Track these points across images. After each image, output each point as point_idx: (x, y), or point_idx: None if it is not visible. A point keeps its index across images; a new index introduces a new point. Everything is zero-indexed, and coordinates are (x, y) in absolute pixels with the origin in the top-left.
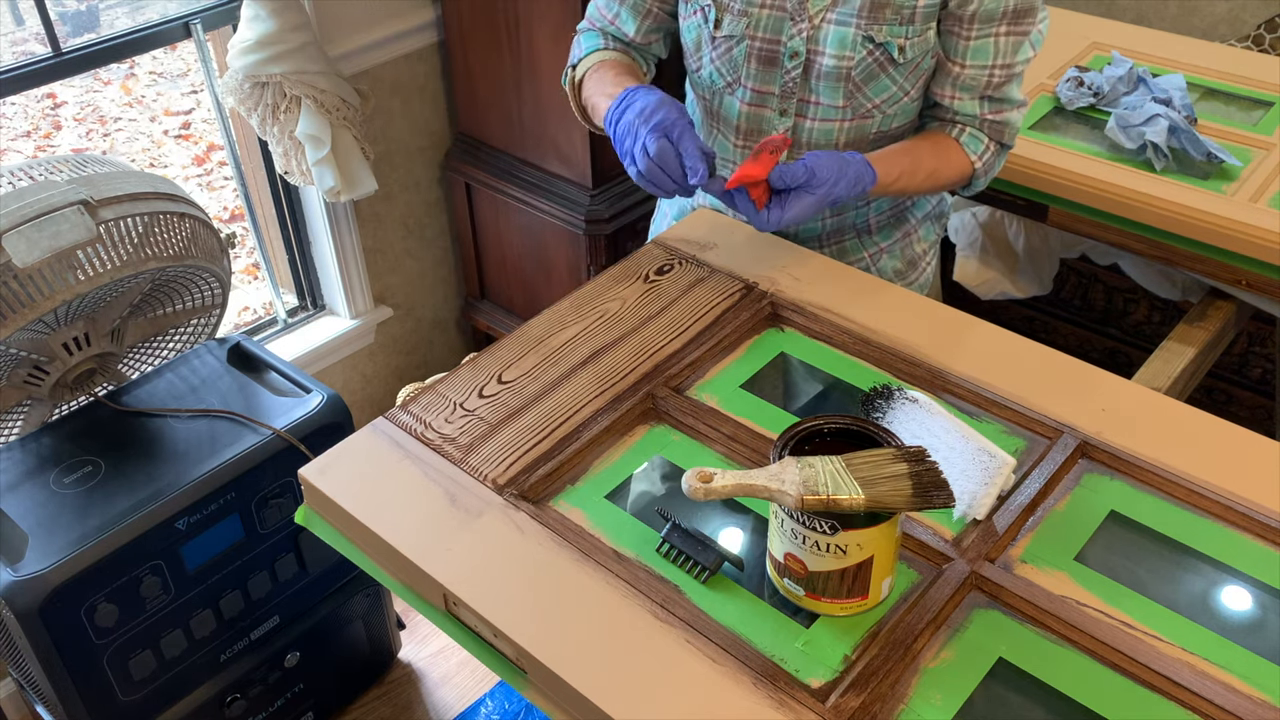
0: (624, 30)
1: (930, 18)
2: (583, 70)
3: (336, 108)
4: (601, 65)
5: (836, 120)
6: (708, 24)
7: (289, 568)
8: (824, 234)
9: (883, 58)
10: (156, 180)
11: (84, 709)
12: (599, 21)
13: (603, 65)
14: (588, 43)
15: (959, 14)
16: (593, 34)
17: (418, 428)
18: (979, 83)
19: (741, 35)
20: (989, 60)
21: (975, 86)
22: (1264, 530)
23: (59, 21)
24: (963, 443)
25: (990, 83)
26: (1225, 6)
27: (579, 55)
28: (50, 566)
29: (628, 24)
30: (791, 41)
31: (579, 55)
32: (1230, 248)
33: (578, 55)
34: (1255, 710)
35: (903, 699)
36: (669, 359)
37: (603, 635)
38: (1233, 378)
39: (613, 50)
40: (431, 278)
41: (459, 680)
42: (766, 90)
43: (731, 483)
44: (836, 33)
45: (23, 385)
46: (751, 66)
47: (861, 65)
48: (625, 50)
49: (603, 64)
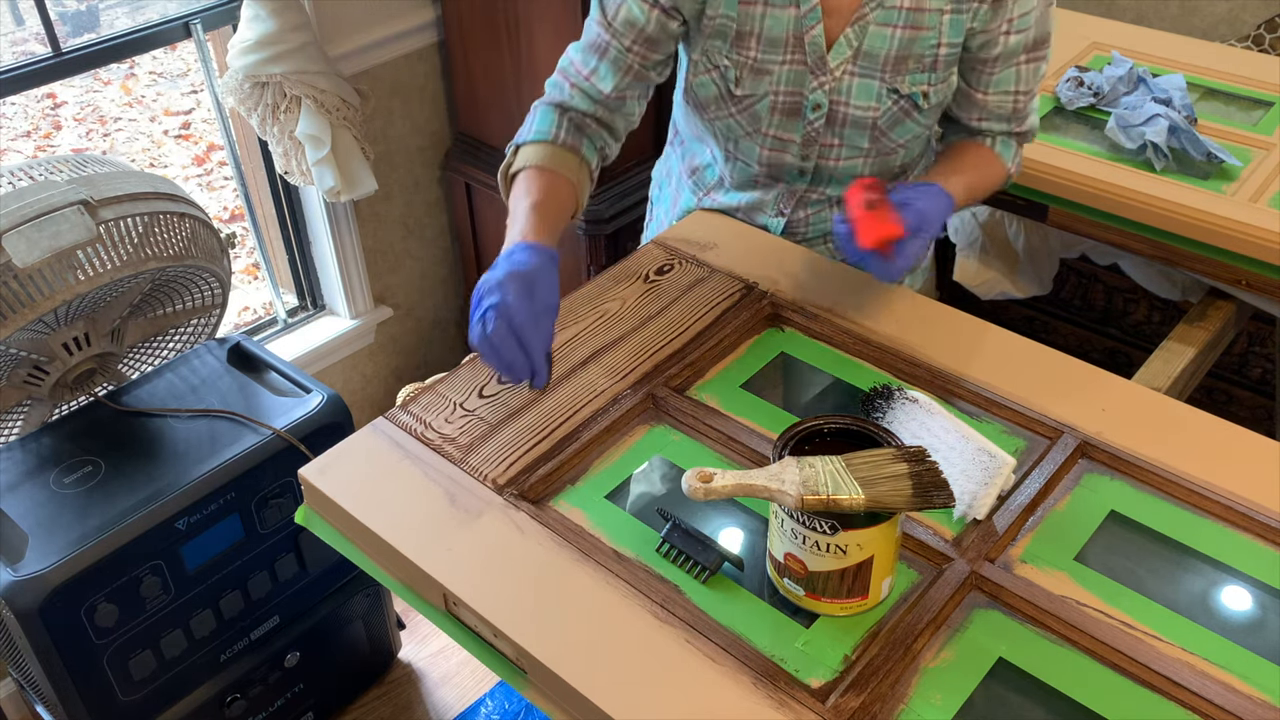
0: (599, 87)
1: (953, 63)
2: (520, 164)
3: (336, 108)
4: (536, 176)
5: (860, 158)
6: (725, 83)
7: (289, 568)
8: (832, 235)
9: (908, 106)
10: (156, 180)
11: (84, 709)
12: (572, 76)
13: (537, 177)
14: (540, 124)
15: (983, 56)
16: (548, 112)
17: (418, 428)
18: (1005, 109)
19: (764, 93)
20: (1013, 87)
21: (1001, 113)
22: (1264, 530)
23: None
24: (963, 443)
25: (1015, 107)
26: (1225, 6)
27: (524, 137)
28: (50, 566)
29: (605, 80)
30: (814, 94)
31: (524, 137)
32: (1230, 248)
33: (523, 136)
34: (1255, 710)
35: (903, 699)
36: (669, 359)
37: (603, 635)
38: (1233, 378)
39: (559, 148)
40: (431, 278)
41: (459, 680)
42: (788, 138)
43: (731, 483)
44: (861, 85)
45: (23, 385)
46: (774, 118)
47: (887, 114)
48: (577, 142)
49: (538, 174)
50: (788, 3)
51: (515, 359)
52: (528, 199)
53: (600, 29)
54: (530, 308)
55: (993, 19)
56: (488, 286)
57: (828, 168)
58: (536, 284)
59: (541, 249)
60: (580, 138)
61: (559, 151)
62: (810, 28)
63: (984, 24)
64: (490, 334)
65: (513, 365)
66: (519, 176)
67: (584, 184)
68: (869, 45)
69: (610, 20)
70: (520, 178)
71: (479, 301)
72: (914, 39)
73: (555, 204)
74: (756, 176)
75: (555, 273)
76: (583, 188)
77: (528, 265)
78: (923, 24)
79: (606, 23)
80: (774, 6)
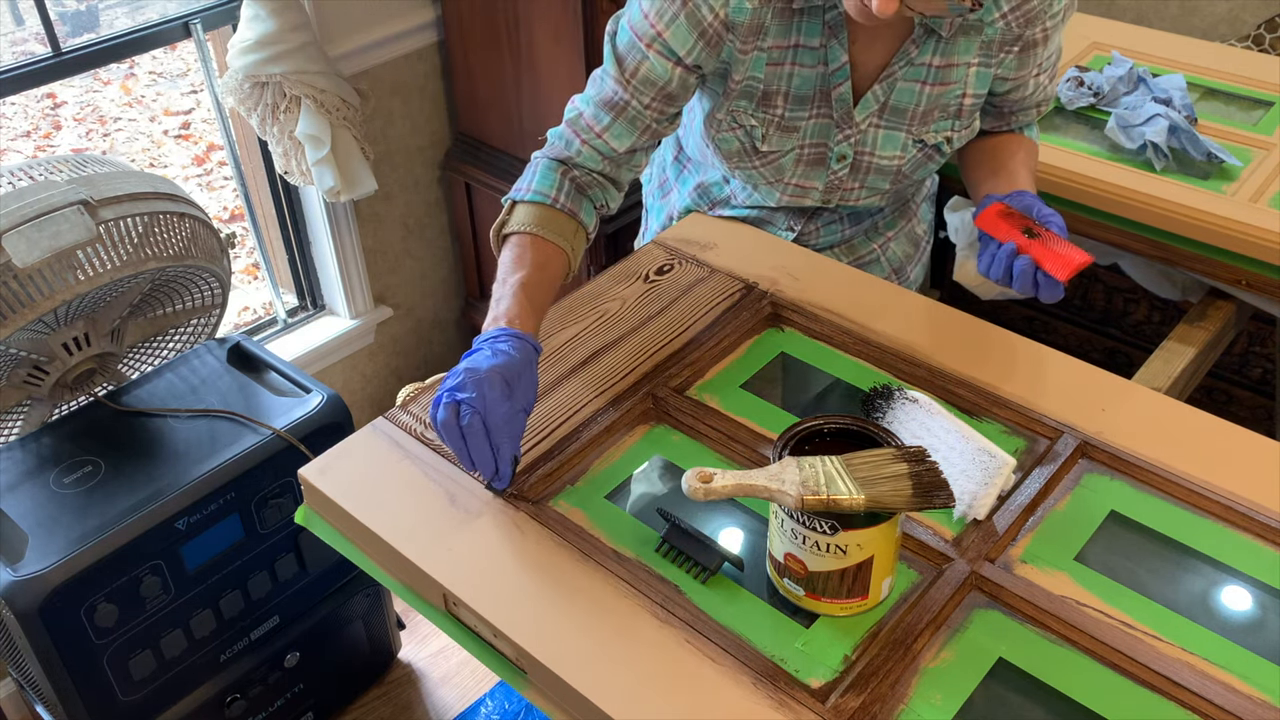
0: (611, 145)
1: (976, 109)
2: (516, 224)
3: (336, 108)
4: (528, 245)
5: (879, 195)
6: (751, 139)
7: (289, 568)
8: (840, 242)
9: (932, 151)
10: (156, 180)
11: (84, 709)
12: (583, 132)
13: (529, 247)
14: (541, 183)
15: (1014, 97)
16: (550, 168)
17: (418, 428)
18: (1032, 112)
19: (790, 148)
20: (1040, 102)
21: (1028, 112)
22: (1264, 530)
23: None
24: (963, 443)
25: (1039, 109)
26: (1225, 6)
27: (524, 193)
28: (50, 566)
29: (619, 139)
30: (839, 146)
31: (524, 193)
32: (1230, 248)
33: (523, 190)
34: (1255, 710)
35: (903, 699)
36: (669, 359)
37: (603, 635)
38: (1233, 378)
39: (558, 213)
40: (431, 278)
41: (459, 680)
42: (810, 186)
43: (731, 483)
44: (887, 137)
45: (23, 385)
46: (799, 169)
47: (911, 161)
48: (576, 207)
49: (530, 244)
50: (815, 61)
51: (483, 458)
52: (517, 274)
53: (616, 86)
54: (509, 409)
55: (1020, 67)
56: (468, 378)
57: (848, 204)
58: (518, 382)
59: (525, 342)
60: (580, 201)
61: (557, 217)
62: (838, 85)
63: (1011, 71)
64: (464, 426)
65: (480, 463)
66: (511, 240)
67: (579, 249)
68: (896, 100)
69: (628, 77)
70: (512, 242)
71: (455, 388)
72: (941, 93)
73: (546, 282)
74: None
75: (535, 369)
76: (577, 254)
77: (510, 360)
78: (950, 79)
79: (624, 80)
80: (802, 65)
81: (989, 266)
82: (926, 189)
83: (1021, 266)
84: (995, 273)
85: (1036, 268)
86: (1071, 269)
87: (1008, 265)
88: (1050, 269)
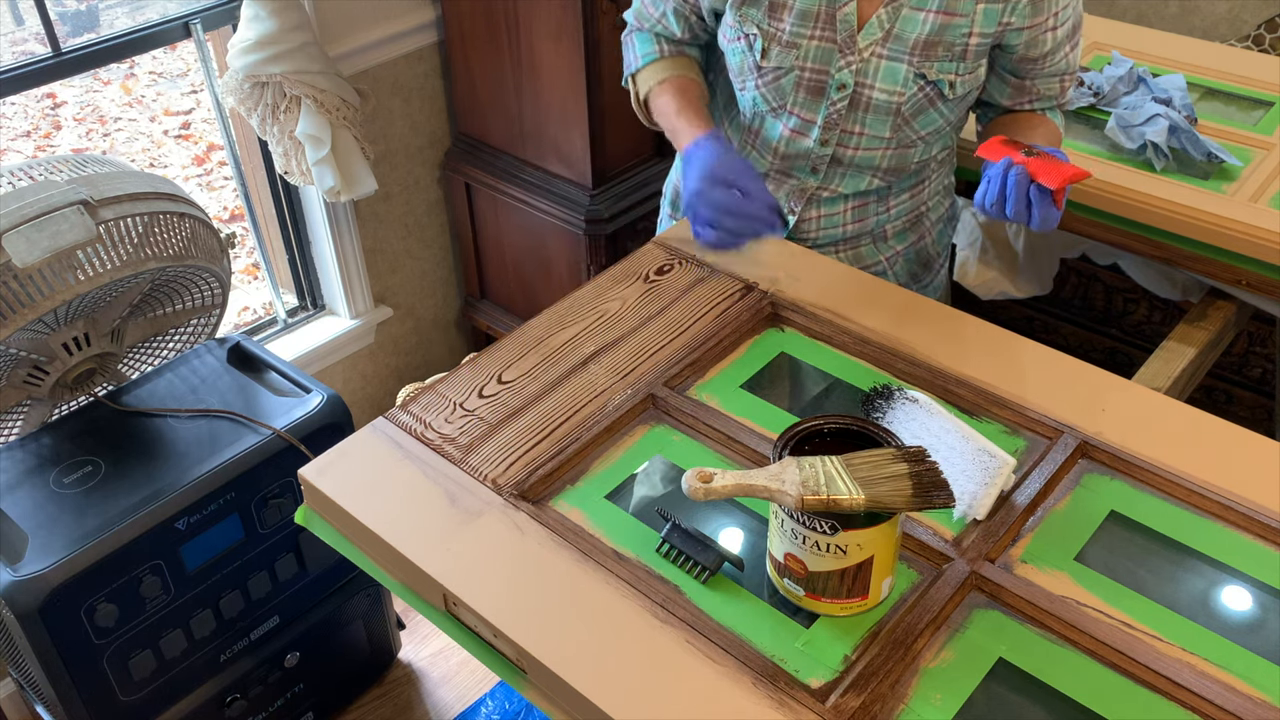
0: (671, 30)
1: (982, 55)
2: (645, 86)
3: (336, 108)
4: (664, 89)
5: (880, 149)
6: (752, 53)
7: (289, 568)
8: (843, 239)
9: (933, 93)
10: (156, 180)
11: (84, 709)
12: (646, 20)
13: (665, 89)
14: (642, 48)
15: (1032, 55)
16: (644, 36)
17: (418, 428)
18: (1054, 92)
19: (790, 67)
20: (1061, 72)
21: (1050, 95)
22: (1264, 530)
23: (59, 21)
24: (963, 443)
25: (1063, 87)
26: (1225, 6)
27: (635, 63)
28: (50, 566)
29: (674, 25)
30: (840, 73)
31: (635, 63)
32: (1230, 248)
33: (633, 62)
34: (1255, 710)
35: (903, 699)
36: (669, 359)
37: (603, 635)
38: (1233, 378)
39: (668, 58)
40: (431, 278)
41: (459, 680)
42: (810, 119)
43: (731, 483)
44: (888, 68)
45: (23, 385)
46: (799, 95)
47: (912, 100)
48: (680, 52)
49: (665, 87)
50: None
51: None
52: (671, 109)
53: None
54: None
55: (1035, 14)
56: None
57: (844, 158)
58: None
59: (704, 139)
60: (680, 46)
61: (671, 60)
62: (843, 5)
63: (1026, 20)
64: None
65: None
66: (651, 99)
67: (702, 75)
68: (900, 28)
69: None
70: (653, 97)
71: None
72: (946, 25)
73: (694, 100)
74: (769, 170)
75: (724, 144)
76: (703, 79)
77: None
78: (956, 10)
79: None
80: None
81: (984, 192)
82: (942, 211)
83: (1016, 178)
84: (990, 194)
85: (1031, 181)
86: (1064, 177)
87: (1002, 180)
88: (1044, 180)
